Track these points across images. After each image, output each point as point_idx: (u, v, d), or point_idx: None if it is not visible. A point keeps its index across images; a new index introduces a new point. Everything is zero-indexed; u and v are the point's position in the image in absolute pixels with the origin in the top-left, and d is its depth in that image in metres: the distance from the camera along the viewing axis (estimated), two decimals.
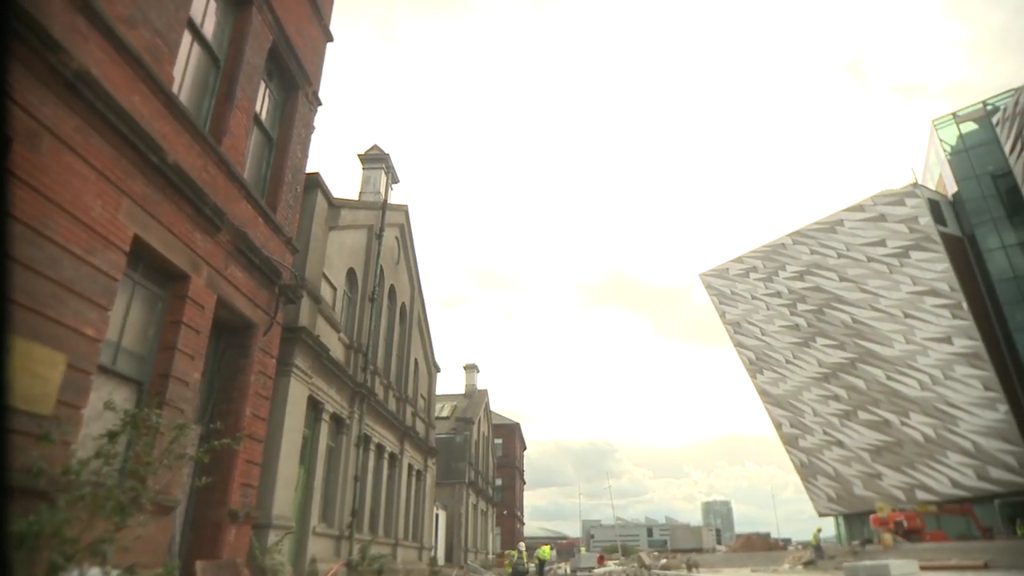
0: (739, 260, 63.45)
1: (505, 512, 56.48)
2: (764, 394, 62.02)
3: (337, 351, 15.39)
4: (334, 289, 15.68)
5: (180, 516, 8.21)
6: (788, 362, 59.07)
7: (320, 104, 13.23)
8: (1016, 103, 45.62)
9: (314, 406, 13.94)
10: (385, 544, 18.66)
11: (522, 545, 25.15)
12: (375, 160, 20.27)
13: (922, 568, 22.99)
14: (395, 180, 20.90)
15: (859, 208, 52.98)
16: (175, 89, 7.99)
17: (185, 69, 8.52)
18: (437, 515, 30.69)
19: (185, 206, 8.05)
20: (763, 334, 61.23)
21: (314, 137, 13.51)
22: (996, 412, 44.18)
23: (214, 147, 8.83)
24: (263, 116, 11.23)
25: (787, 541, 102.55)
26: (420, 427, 24.57)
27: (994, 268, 48.53)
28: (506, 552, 25.38)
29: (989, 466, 44.79)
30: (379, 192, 19.69)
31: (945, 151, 53.17)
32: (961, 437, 46.16)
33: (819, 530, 39.73)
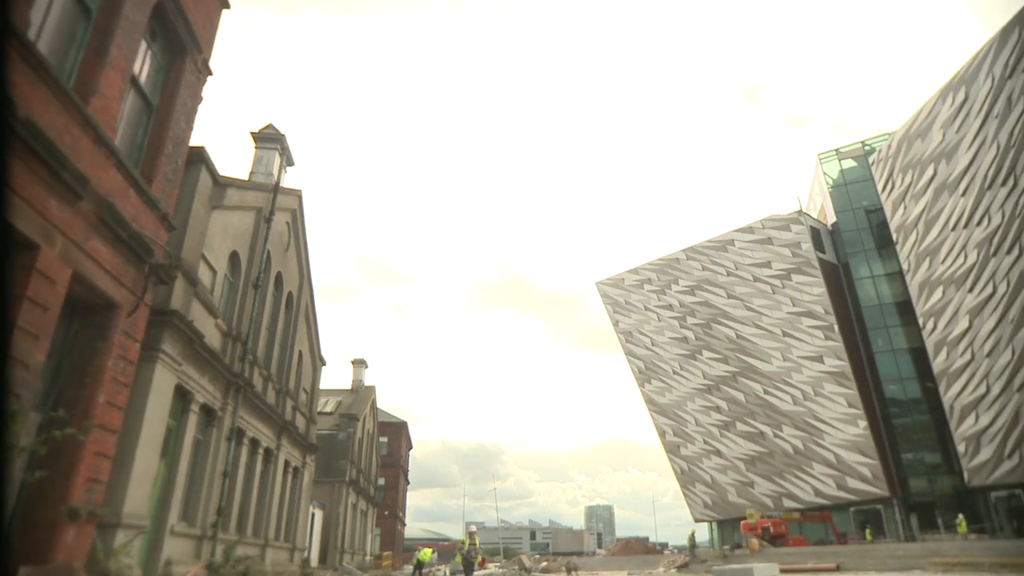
0: (635, 271, 65.52)
1: (387, 512, 55.32)
2: (651, 403, 64.25)
3: (213, 338, 14.43)
4: (214, 272, 14.70)
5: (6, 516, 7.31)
6: (675, 373, 61.49)
7: (210, 74, 12.35)
8: (890, 147, 49.61)
9: (182, 396, 12.97)
10: (253, 545, 17.64)
11: (473, 527, 23.97)
12: (269, 140, 19.20)
13: (782, 571, 24.33)
14: (289, 163, 19.86)
15: (749, 230, 55.99)
16: (32, 35, 7.14)
17: (47, 15, 7.63)
18: (313, 514, 29.48)
19: (39, 168, 7.17)
20: (653, 344, 63.46)
21: (204, 110, 12.63)
22: (857, 428, 47.77)
23: (79, 106, 7.97)
24: (143, 79, 10.32)
25: (664, 545, 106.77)
26: (300, 422, 23.51)
27: (863, 295, 52.75)
28: (462, 538, 24.02)
29: (847, 477, 48.35)
30: (272, 174, 18.66)
31: (827, 183, 57.13)
32: (825, 449, 49.58)
33: (693, 533, 41.65)
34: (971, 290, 41.76)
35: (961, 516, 37.81)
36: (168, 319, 11.61)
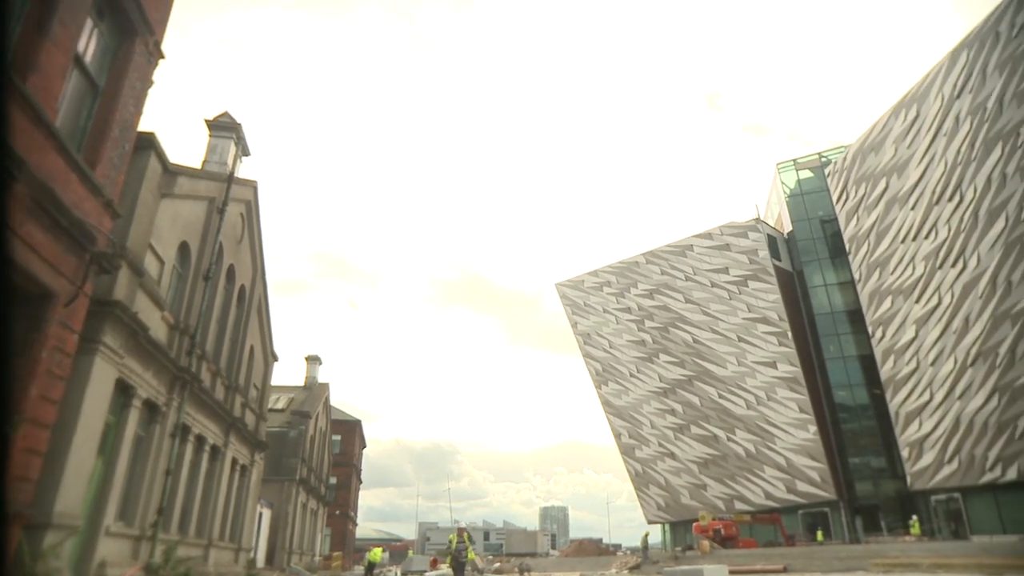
0: (594, 273, 65.96)
1: (338, 512, 54.38)
2: (607, 405, 64.71)
3: (159, 331, 13.92)
4: (162, 263, 14.19)
5: None
6: (632, 375, 62.05)
7: (163, 57, 11.89)
8: (845, 159, 50.92)
9: (124, 390, 12.46)
10: (196, 545, 17.07)
11: (463, 523, 21.10)
12: (224, 128, 18.59)
13: (731, 572, 24.66)
14: (245, 152, 19.28)
15: (708, 236, 56.85)
16: None
17: None
18: (261, 514, 28.77)
19: None
20: (611, 347, 63.95)
21: (157, 95, 12.19)
22: (807, 432, 48.87)
23: (16, 83, 7.55)
24: (88, 59, 9.86)
25: (617, 546, 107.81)
26: (250, 419, 22.87)
27: (816, 303, 54.04)
28: (450, 537, 19.96)
29: (797, 480, 49.43)
30: (226, 163, 18.09)
31: (785, 193, 58.35)
32: (776, 453, 50.60)
33: (647, 534, 42.02)
34: (918, 301, 43.10)
35: (915, 517, 38.89)
36: (110, 310, 11.14)
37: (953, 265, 40.54)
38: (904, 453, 43.73)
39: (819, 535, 46.32)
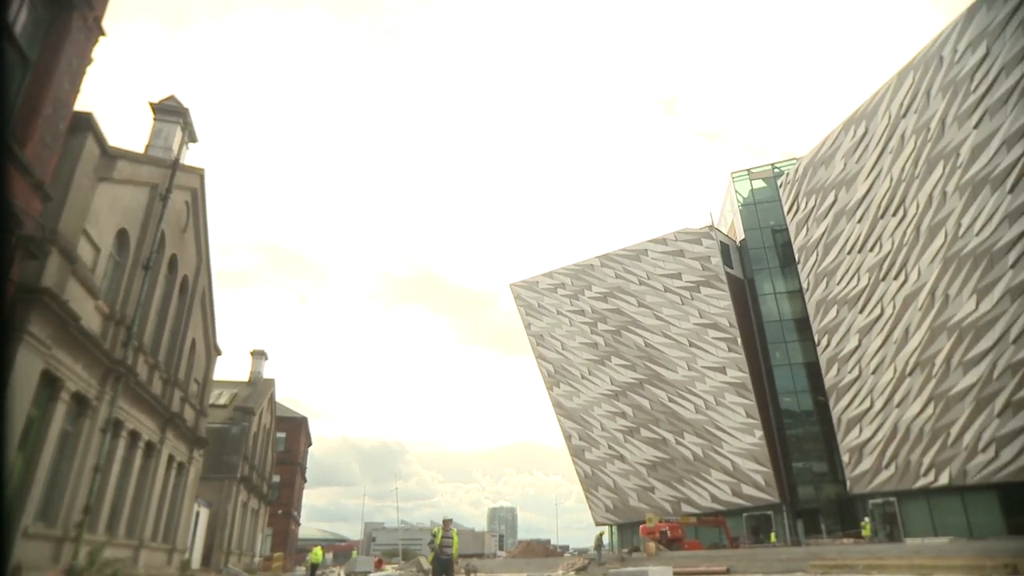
0: (549, 275, 66.18)
1: (280, 512, 53.02)
2: (558, 406, 64.96)
3: (92, 321, 13.27)
4: (97, 250, 13.52)
5: None
6: (584, 377, 62.42)
7: (103, 34, 11.31)
8: (797, 171, 52.20)
9: (50, 383, 11.79)
10: (126, 546, 16.33)
11: (449, 517, 16.64)
12: (170, 112, 17.84)
13: (676, 573, 24.91)
14: (192, 139, 18.54)
15: (663, 241, 57.60)
16: None
17: None
18: (198, 513, 27.81)
19: None
20: (564, 348, 64.24)
21: (99, 75, 11.61)
22: (753, 437, 49.88)
23: None
24: (18, 29, 9.29)
25: (565, 548, 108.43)
26: (189, 414, 22.03)
27: (765, 310, 55.27)
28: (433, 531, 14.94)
29: (742, 484, 50.40)
30: (171, 149, 17.37)
31: (738, 201, 59.52)
32: (723, 457, 51.50)
33: (601, 535, 42.37)
34: (862, 311, 44.43)
35: (866, 519, 39.92)
36: (37, 297, 10.54)
37: (895, 278, 41.92)
38: (845, 458, 45.02)
39: (772, 536, 47.29)
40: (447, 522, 16.87)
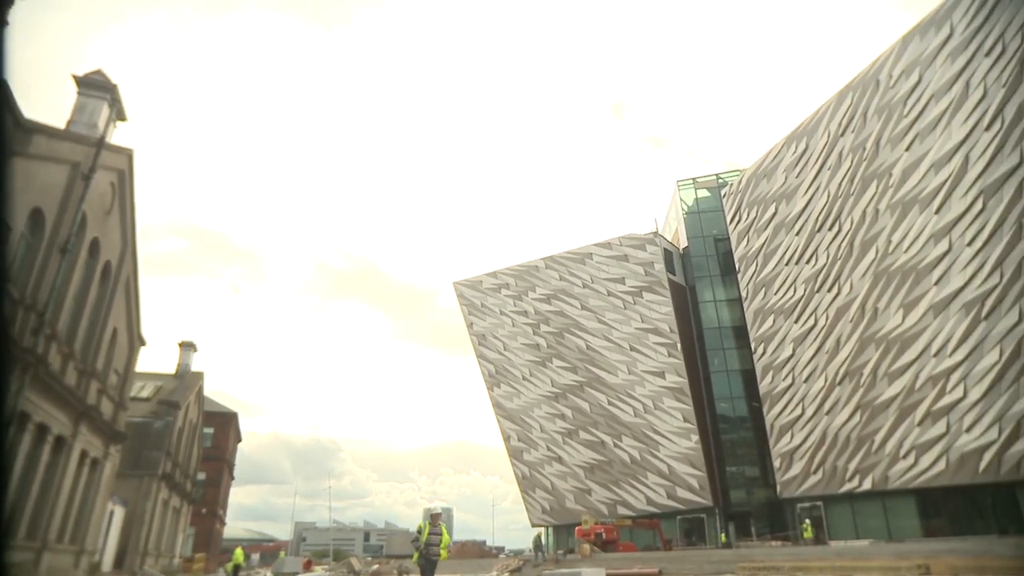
0: (493, 275, 66.08)
1: (204, 511, 50.80)
2: (498, 407, 64.86)
3: None
4: (8, 229, 12.61)
5: None
6: (525, 379, 62.51)
7: None
8: (740, 182, 53.55)
9: None
10: (26, 548, 15.16)
11: (439, 509, 13.11)
12: (96, 87, 16.66)
13: (608, 574, 25.05)
14: (121, 117, 17.42)
15: (607, 245, 58.24)
16: None
17: None
18: (112, 512, 26.36)
19: None
20: (505, 349, 64.21)
21: (22, 45, 10.76)
22: (689, 441, 50.81)
23: None
24: None
25: (500, 549, 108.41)
26: (107, 407, 20.76)
27: (705, 317, 56.46)
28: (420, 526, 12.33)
29: (677, 487, 51.27)
30: (96, 126, 16.29)
31: (683, 209, 60.65)
32: (660, 461, 52.29)
33: (539, 535, 42.41)
34: (796, 321, 45.83)
35: (808, 521, 40.99)
36: None
37: (829, 290, 43.40)
38: (776, 463, 46.32)
39: (722, 537, 47.99)
40: (435, 516, 13.40)
